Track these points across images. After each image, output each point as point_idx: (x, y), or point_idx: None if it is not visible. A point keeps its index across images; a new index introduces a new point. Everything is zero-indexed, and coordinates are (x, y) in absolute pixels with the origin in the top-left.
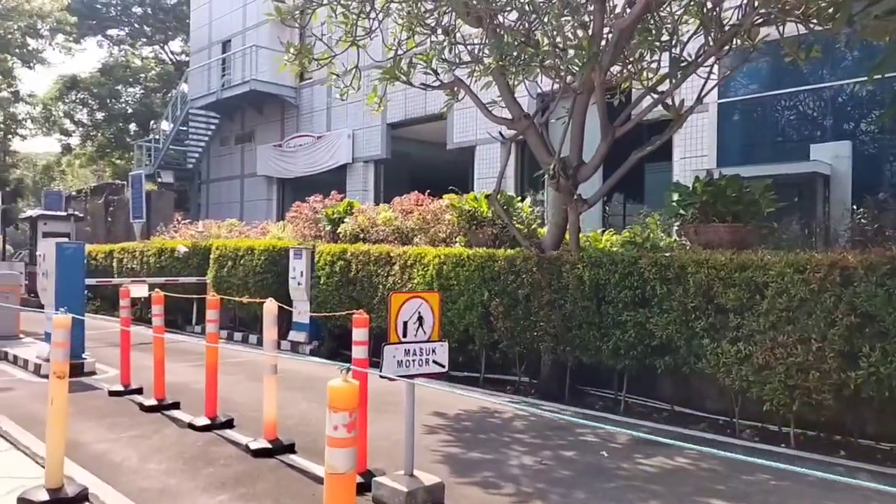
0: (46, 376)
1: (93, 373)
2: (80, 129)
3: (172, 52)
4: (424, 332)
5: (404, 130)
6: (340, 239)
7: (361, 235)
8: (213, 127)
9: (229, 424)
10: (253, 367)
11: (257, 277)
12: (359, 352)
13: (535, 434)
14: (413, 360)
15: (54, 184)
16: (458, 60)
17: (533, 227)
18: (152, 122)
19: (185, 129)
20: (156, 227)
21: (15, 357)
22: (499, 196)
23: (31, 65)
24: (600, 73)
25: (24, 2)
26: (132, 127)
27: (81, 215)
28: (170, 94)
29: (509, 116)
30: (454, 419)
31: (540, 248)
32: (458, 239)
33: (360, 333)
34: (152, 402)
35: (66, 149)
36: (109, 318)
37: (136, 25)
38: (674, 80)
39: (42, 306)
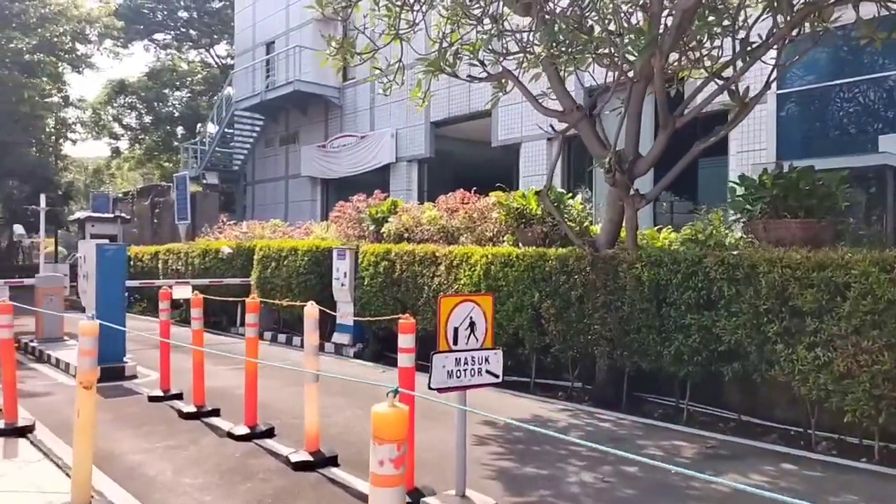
0: None
1: (134, 376)
2: (129, 132)
3: (218, 56)
4: (477, 339)
5: (448, 129)
6: (384, 239)
7: (406, 235)
8: (257, 128)
9: (269, 433)
10: (297, 371)
11: (301, 278)
12: (405, 360)
13: (593, 446)
14: (465, 370)
15: (104, 186)
16: (505, 51)
17: (585, 224)
18: (199, 124)
19: (230, 131)
20: (201, 228)
21: (57, 360)
22: (549, 192)
23: (80, 69)
24: (660, 59)
25: (71, 6)
26: (179, 130)
27: (128, 217)
28: (215, 97)
29: (560, 109)
30: (505, 428)
31: (594, 246)
32: (505, 238)
33: (406, 340)
34: (191, 408)
35: (116, 152)
36: (155, 320)
37: (182, 29)
38: (740, 65)
39: None
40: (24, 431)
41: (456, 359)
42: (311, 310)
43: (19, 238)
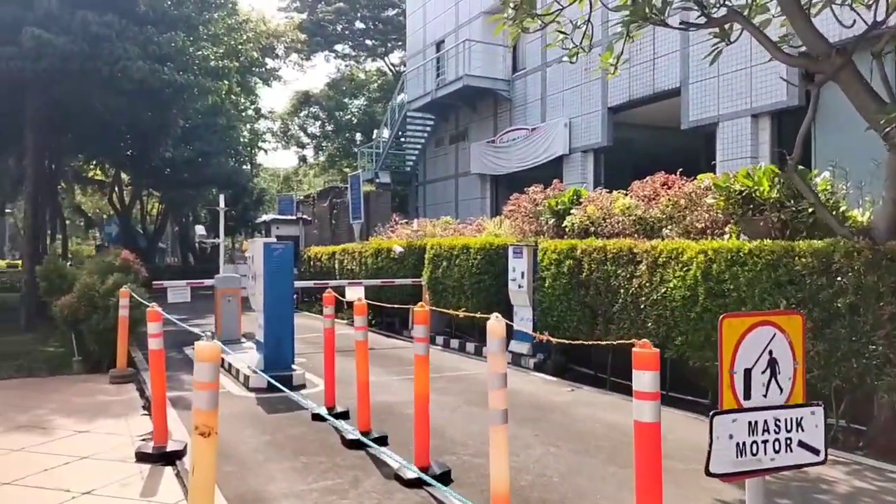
0: (254, 390)
1: (302, 386)
2: (313, 140)
3: (392, 64)
4: (780, 389)
5: (626, 114)
6: (567, 234)
7: (592, 229)
8: (428, 128)
9: (445, 477)
10: (473, 384)
11: (473, 279)
12: (647, 412)
13: None
14: (764, 443)
15: (291, 192)
16: None
17: (842, 209)
18: (375, 130)
19: (404, 138)
20: (374, 227)
21: (229, 365)
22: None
23: (269, 83)
24: None
25: (260, 23)
26: (357, 136)
27: (309, 219)
28: (390, 103)
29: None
30: None
31: (869, 236)
32: (727, 229)
33: (645, 380)
34: (355, 435)
35: (302, 160)
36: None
37: (359, 39)
38: None
39: None
40: (173, 457)
41: (750, 423)
42: (497, 326)
43: (201, 238)
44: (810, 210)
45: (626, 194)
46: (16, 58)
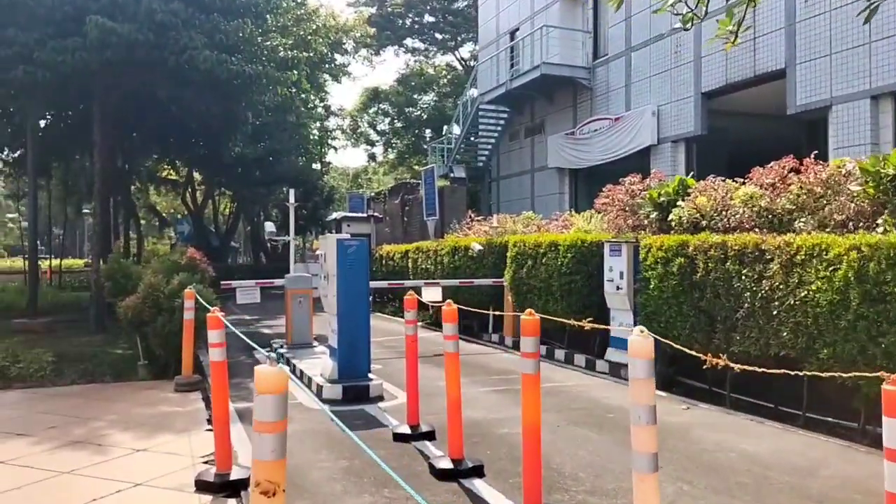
0: (328, 401)
1: (379, 398)
2: (382, 137)
3: (462, 59)
4: None
5: (722, 100)
6: (673, 229)
7: (703, 223)
8: (502, 122)
9: None
10: (569, 399)
11: (563, 279)
12: None
13: None
14: None
15: (361, 190)
16: None
17: None
18: (445, 126)
19: (476, 137)
20: (449, 224)
21: (301, 372)
22: None
23: (339, 79)
24: None
25: (329, 17)
26: (427, 133)
27: (380, 216)
28: (460, 98)
29: None
30: None
31: None
32: (881, 220)
33: None
34: (446, 464)
35: (371, 157)
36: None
37: (429, 32)
38: None
39: None
40: (238, 487)
41: None
42: (643, 344)
43: (270, 235)
44: None
45: (744, 182)
46: (81, 49)
